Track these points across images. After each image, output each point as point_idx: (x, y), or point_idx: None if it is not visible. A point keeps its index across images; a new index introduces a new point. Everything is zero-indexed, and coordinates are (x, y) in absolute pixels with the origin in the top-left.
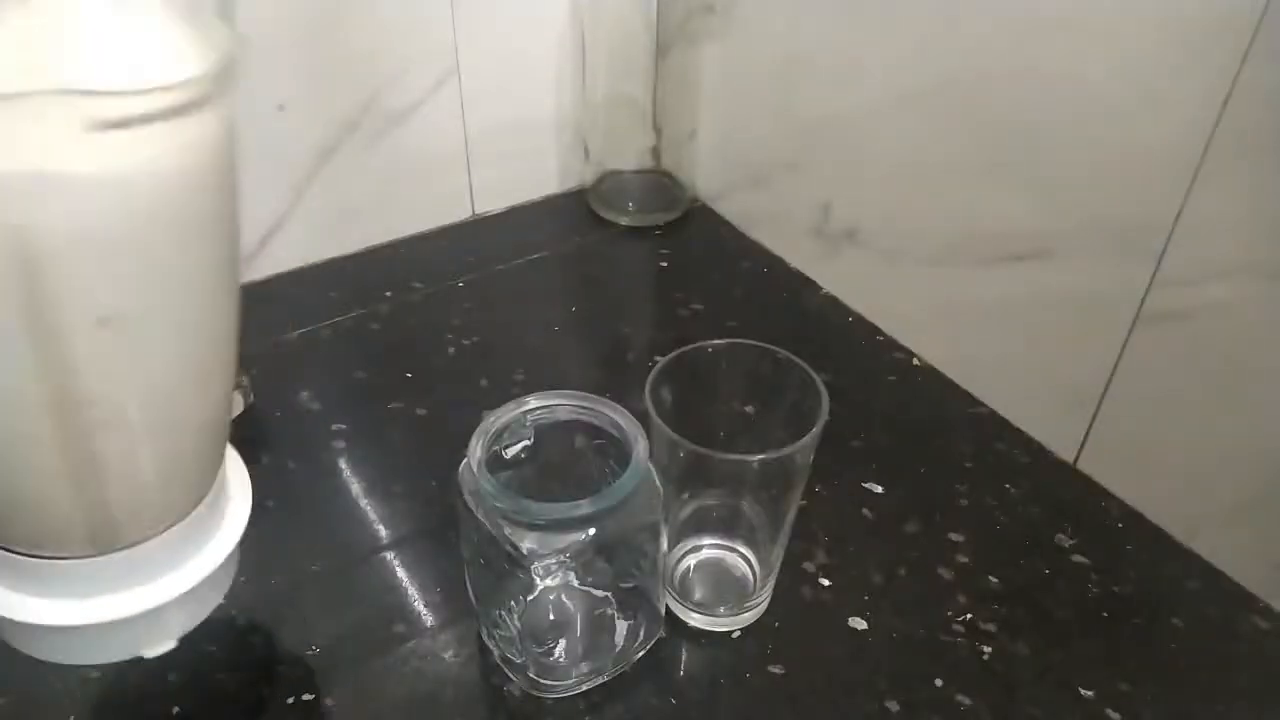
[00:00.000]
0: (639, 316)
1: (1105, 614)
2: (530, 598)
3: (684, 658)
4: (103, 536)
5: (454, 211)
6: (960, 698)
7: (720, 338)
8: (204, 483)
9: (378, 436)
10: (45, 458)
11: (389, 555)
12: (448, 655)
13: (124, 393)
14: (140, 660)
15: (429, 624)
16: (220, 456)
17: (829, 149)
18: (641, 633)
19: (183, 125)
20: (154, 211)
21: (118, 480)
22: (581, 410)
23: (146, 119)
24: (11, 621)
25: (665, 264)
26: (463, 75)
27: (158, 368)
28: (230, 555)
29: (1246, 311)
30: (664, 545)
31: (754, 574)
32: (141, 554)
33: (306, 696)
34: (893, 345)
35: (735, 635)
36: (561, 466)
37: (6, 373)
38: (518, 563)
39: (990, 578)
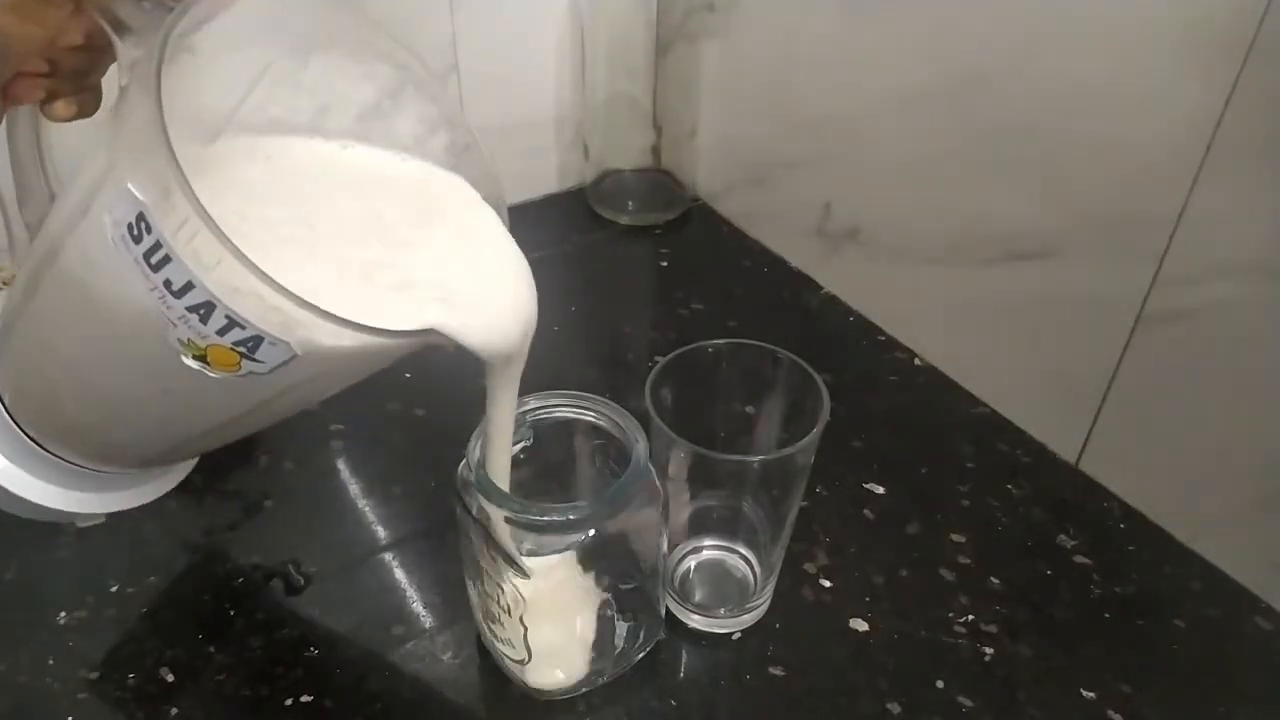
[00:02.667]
0: (639, 316)
1: (1107, 615)
2: None
3: (684, 659)
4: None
5: None
6: (962, 699)
7: (720, 338)
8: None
9: (376, 437)
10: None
11: (388, 556)
12: (446, 656)
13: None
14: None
15: (428, 625)
16: None
17: (829, 148)
18: (641, 634)
19: None
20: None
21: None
22: (581, 410)
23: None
24: (51, 509)
25: (665, 264)
26: (462, 74)
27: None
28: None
29: (1249, 311)
30: (664, 546)
31: (754, 575)
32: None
33: (306, 698)
34: (894, 345)
35: (736, 637)
36: (561, 466)
37: (224, 409)
38: (517, 564)
39: (992, 579)
